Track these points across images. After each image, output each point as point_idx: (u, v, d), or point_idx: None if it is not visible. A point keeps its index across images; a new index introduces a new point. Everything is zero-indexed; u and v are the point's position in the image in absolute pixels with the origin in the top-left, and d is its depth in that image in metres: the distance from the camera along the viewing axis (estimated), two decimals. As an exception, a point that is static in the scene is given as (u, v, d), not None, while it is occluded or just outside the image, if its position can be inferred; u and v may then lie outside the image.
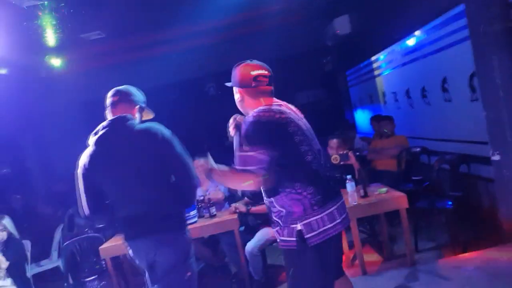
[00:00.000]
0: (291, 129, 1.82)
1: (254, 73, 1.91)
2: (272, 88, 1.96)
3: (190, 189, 2.04)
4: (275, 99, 1.96)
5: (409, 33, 4.88)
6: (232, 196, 4.07)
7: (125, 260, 3.47)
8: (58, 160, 6.72)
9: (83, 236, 3.61)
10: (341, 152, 3.61)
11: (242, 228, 3.73)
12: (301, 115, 2.01)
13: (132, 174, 1.96)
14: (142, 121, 2.14)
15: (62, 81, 6.24)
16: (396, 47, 5.49)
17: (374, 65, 6.46)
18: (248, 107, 1.94)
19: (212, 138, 7.17)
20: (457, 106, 4.14)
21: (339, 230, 1.86)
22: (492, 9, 3.17)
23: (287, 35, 6.98)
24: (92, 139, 2.04)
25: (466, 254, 3.23)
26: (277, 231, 1.89)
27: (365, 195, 3.29)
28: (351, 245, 3.48)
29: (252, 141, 1.76)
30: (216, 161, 1.92)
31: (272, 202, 1.87)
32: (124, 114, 2.05)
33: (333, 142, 3.84)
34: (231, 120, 2.00)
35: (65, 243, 3.65)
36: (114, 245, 3.38)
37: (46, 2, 3.82)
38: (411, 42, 4.96)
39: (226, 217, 3.50)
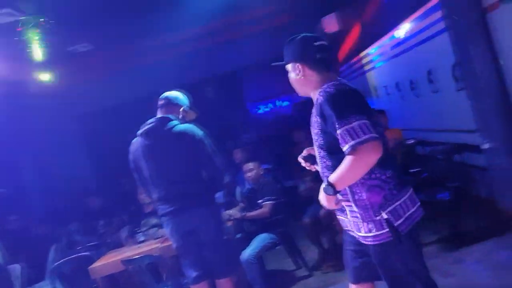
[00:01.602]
0: (366, 102, 1.66)
1: (317, 43, 1.72)
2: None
3: (215, 178, 2.64)
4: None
5: (395, 25, 4.86)
6: (229, 203, 4.03)
7: (121, 278, 3.42)
8: (52, 176, 6.68)
9: (73, 256, 3.53)
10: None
11: (239, 236, 3.67)
12: None
13: (168, 163, 2.53)
14: (186, 121, 2.64)
15: (52, 95, 6.21)
16: (384, 41, 5.47)
17: (364, 61, 6.44)
18: (309, 84, 1.73)
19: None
20: (444, 96, 4.12)
21: (422, 214, 1.70)
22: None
23: (277, 37, 6.93)
24: (139, 131, 2.61)
25: (467, 247, 3.17)
26: (356, 225, 1.66)
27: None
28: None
29: (346, 112, 1.52)
30: None
31: (346, 194, 1.64)
32: (167, 115, 2.59)
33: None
34: (300, 160, 1.86)
35: (54, 264, 3.57)
36: (105, 264, 3.29)
37: (26, 17, 3.79)
38: (397, 35, 4.93)
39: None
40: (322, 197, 1.62)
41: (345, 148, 1.51)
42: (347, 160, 1.52)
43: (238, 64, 7.23)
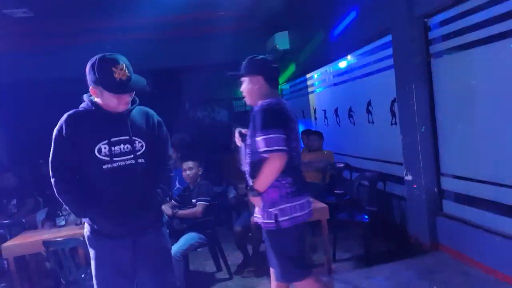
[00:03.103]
0: (289, 120, 2.14)
1: (274, 65, 2.25)
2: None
3: None
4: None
5: (341, 56, 5.20)
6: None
7: (31, 261, 3.18)
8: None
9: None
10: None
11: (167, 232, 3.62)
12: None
13: None
14: None
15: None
16: (328, 68, 5.81)
17: (308, 83, 6.76)
18: (260, 95, 2.18)
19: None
20: (378, 128, 4.49)
21: (306, 219, 2.19)
22: (414, 43, 3.53)
23: (229, 42, 7.05)
24: None
25: (378, 266, 3.48)
26: (260, 213, 2.18)
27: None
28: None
29: (268, 125, 2.02)
30: None
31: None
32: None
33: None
34: (236, 133, 2.27)
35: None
36: (20, 244, 3.09)
37: None
38: (342, 65, 5.29)
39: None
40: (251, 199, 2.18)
41: (260, 151, 2.04)
42: (263, 165, 2.04)
43: (182, 63, 7.16)
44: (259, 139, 2.03)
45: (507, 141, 2.78)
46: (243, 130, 2.28)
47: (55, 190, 1.93)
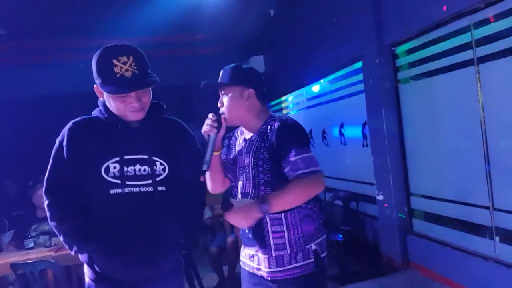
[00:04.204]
0: None
1: (264, 78, 1.77)
2: None
3: None
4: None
5: (315, 80, 5.39)
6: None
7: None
8: None
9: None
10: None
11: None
12: None
13: None
14: None
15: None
16: (303, 91, 5.99)
17: (283, 105, 6.91)
18: (251, 111, 1.70)
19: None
20: (351, 149, 4.64)
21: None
22: (383, 70, 3.73)
23: (205, 64, 7.15)
24: None
25: (352, 285, 3.54)
26: (282, 257, 1.61)
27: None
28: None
29: (303, 142, 1.60)
30: None
31: (280, 219, 1.60)
32: None
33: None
34: (210, 119, 1.66)
35: None
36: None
37: None
38: (316, 88, 5.47)
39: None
40: (245, 213, 1.51)
41: (296, 173, 1.54)
42: (294, 184, 1.53)
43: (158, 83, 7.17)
44: (293, 159, 1.55)
45: (469, 162, 2.95)
46: (225, 116, 1.72)
47: (48, 216, 1.55)
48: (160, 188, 1.56)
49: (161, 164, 1.58)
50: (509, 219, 2.67)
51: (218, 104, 1.74)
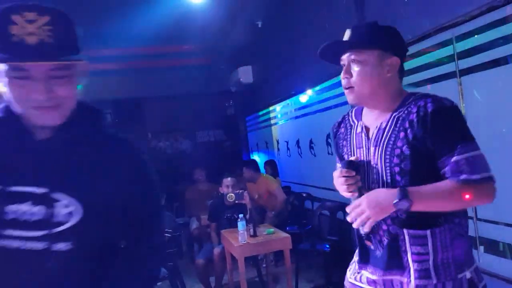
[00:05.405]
0: None
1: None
2: None
3: None
4: None
5: (302, 90, 5.44)
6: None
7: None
8: None
9: None
10: (237, 191, 3.75)
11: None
12: None
13: None
14: None
15: None
16: (291, 101, 6.04)
17: (271, 115, 6.96)
18: (389, 88, 1.29)
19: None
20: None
21: None
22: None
23: (193, 74, 7.19)
24: None
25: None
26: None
27: (254, 234, 3.43)
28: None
29: (470, 135, 1.20)
30: None
31: (425, 237, 1.20)
32: None
33: (228, 181, 3.97)
34: (340, 171, 1.35)
35: None
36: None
37: None
38: (303, 99, 5.52)
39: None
40: (375, 203, 1.18)
41: (459, 178, 1.15)
42: (452, 188, 1.15)
43: (145, 94, 7.19)
44: (457, 158, 1.15)
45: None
46: (352, 158, 1.37)
47: None
48: (58, 246, 0.93)
49: (67, 205, 0.94)
50: (492, 229, 2.71)
51: (342, 75, 1.35)
